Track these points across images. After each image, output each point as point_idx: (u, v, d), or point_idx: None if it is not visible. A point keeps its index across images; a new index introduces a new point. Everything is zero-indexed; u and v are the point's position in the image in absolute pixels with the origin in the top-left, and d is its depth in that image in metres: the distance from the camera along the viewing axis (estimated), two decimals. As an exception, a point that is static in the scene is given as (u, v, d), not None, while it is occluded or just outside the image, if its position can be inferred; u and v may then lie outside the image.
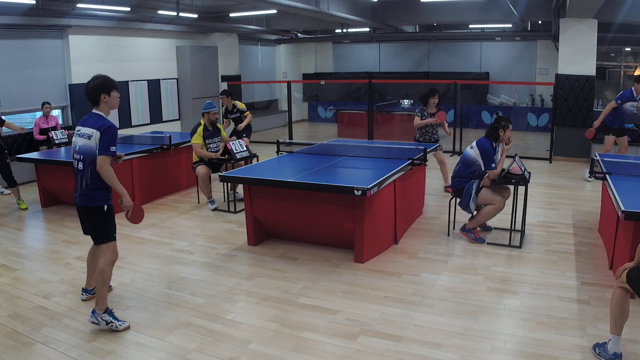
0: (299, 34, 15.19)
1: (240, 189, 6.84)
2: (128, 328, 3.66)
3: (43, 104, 8.47)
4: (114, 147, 3.53)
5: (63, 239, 5.64)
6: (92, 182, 3.56)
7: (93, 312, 3.63)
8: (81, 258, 5.01)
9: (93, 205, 3.61)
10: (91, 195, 3.59)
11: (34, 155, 6.98)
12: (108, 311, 3.63)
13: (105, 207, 3.63)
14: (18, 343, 3.43)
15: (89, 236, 3.76)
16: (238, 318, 3.80)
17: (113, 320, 3.62)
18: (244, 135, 8.43)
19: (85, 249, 5.22)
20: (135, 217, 3.84)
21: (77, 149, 3.62)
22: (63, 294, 4.19)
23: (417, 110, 7.51)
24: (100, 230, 3.66)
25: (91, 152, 3.52)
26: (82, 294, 4.13)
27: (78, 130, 3.64)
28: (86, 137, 3.55)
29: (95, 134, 3.50)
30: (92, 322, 3.63)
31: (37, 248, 5.42)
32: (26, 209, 6.83)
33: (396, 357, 3.24)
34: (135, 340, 3.47)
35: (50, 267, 4.80)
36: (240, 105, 8.61)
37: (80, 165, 3.58)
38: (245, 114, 8.55)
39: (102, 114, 3.61)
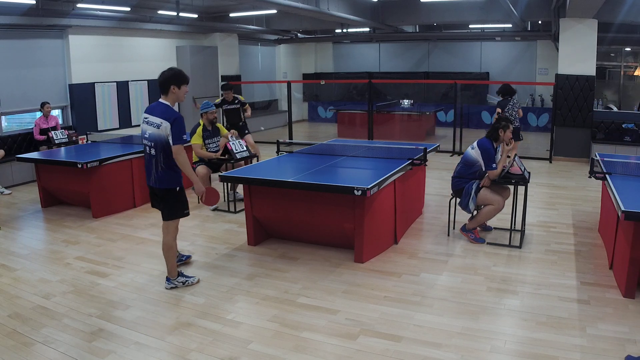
0: (299, 34, 15.18)
1: (240, 189, 6.84)
2: (198, 282, 4.37)
3: (43, 103, 8.46)
4: (185, 136, 3.99)
5: (63, 239, 5.64)
6: (166, 166, 4.00)
7: (168, 279, 4.27)
8: (81, 258, 5.02)
9: (168, 187, 4.06)
10: (165, 178, 4.03)
11: (34, 155, 6.97)
12: (180, 274, 4.33)
13: (178, 188, 4.10)
14: (18, 343, 3.43)
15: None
16: (238, 318, 3.80)
17: (187, 279, 4.32)
18: (247, 131, 8.43)
19: (85, 249, 5.25)
20: (210, 200, 4.30)
21: (147, 135, 4.02)
22: (63, 294, 4.19)
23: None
24: (172, 208, 4.14)
25: (161, 140, 3.93)
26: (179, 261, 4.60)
27: (146, 118, 4.03)
28: (155, 125, 3.93)
29: (165, 124, 3.89)
30: (171, 288, 4.25)
31: (37, 248, 5.42)
32: None
33: (396, 357, 3.24)
34: (135, 340, 3.47)
35: (50, 267, 4.79)
36: (242, 97, 8.59)
37: (153, 152, 4.00)
38: (245, 107, 8.49)
39: (168, 103, 4.00)
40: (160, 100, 4.02)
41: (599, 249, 5.10)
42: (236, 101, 8.35)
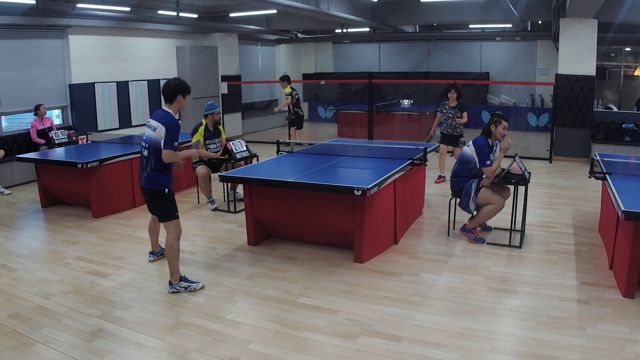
0: (299, 34, 15.18)
1: (240, 189, 6.84)
2: (202, 287, 4.28)
3: (37, 106, 8.46)
4: (176, 143, 4.11)
5: (63, 239, 5.64)
6: (155, 168, 4.10)
7: (170, 283, 4.22)
8: (81, 258, 5.02)
9: (156, 188, 4.15)
10: (154, 179, 4.13)
11: (34, 155, 6.97)
12: (182, 278, 4.26)
13: (166, 190, 4.17)
14: (18, 343, 3.43)
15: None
16: (238, 318, 3.80)
17: (190, 284, 4.25)
18: (295, 127, 10.03)
19: (85, 249, 5.26)
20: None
21: (144, 137, 4.18)
22: (63, 294, 4.19)
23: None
24: (164, 209, 4.20)
25: (155, 142, 4.06)
26: (150, 256, 4.90)
27: (148, 122, 4.21)
28: (152, 128, 4.10)
29: (161, 127, 4.04)
30: (172, 292, 4.20)
31: (37, 248, 5.42)
32: None
33: (396, 357, 3.24)
34: (135, 340, 3.47)
35: (50, 267, 4.80)
36: (287, 89, 9.79)
37: (146, 153, 4.14)
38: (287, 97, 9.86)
39: (170, 111, 4.16)
40: (164, 107, 4.19)
41: (599, 249, 5.10)
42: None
